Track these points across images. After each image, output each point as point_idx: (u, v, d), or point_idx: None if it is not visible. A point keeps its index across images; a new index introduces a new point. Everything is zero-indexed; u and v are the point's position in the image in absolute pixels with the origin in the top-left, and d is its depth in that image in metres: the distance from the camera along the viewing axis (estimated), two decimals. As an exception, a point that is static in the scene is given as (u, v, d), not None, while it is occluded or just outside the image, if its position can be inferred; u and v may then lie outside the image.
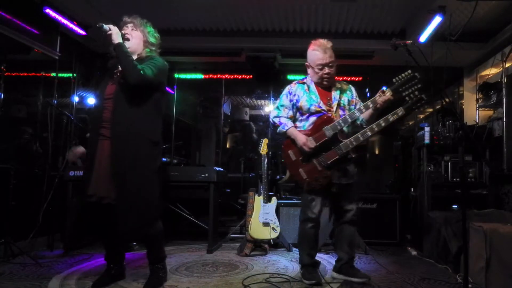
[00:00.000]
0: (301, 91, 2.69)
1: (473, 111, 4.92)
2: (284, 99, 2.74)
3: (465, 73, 5.17)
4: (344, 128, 2.60)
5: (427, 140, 3.90)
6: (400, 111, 2.48)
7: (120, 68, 2.36)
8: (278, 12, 4.21)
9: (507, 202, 3.69)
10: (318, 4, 3.98)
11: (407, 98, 2.43)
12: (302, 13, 4.21)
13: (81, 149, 3.85)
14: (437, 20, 3.74)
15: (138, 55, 2.46)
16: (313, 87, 2.68)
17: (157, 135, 2.42)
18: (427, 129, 3.90)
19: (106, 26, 2.31)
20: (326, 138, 2.53)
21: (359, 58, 5.07)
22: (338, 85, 2.73)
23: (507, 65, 4.10)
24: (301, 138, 2.58)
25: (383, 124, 2.50)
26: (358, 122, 2.68)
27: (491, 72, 4.47)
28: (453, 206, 3.86)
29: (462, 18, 3.85)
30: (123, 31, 2.42)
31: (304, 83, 2.73)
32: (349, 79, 5.77)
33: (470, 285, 2.45)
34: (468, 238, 2.60)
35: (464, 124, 4.07)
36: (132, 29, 2.45)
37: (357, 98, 2.77)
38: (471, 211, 3.32)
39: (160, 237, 2.49)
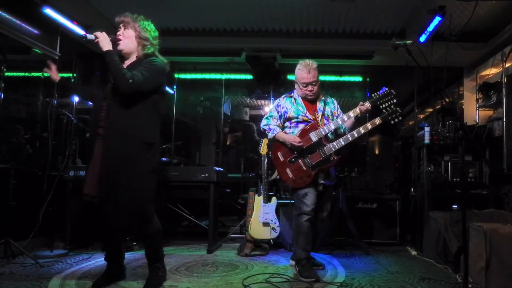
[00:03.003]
0: (289, 104, 3.01)
1: (473, 111, 4.91)
2: (273, 110, 3.06)
3: (465, 73, 5.16)
4: (329, 135, 2.94)
5: (427, 140, 3.90)
6: (377, 120, 2.85)
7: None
8: (278, 12, 4.21)
9: (507, 202, 3.69)
10: (318, 4, 3.98)
11: (384, 110, 2.84)
12: (302, 13, 4.21)
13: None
14: (437, 20, 3.74)
15: (136, 56, 2.40)
16: (299, 100, 3.01)
17: (152, 136, 2.38)
18: (427, 129, 3.90)
19: (90, 36, 2.28)
20: (312, 142, 2.86)
21: (359, 58, 5.07)
22: (322, 98, 3.08)
23: (507, 65, 4.09)
24: (289, 137, 2.89)
25: (362, 131, 2.85)
26: (342, 130, 3.02)
27: (491, 72, 4.46)
28: (453, 206, 3.85)
29: (462, 18, 3.85)
30: (117, 33, 2.39)
31: (291, 96, 3.05)
32: (349, 79, 5.79)
33: (470, 285, 2.45)
34: (468, 238, 2.60)
35: (464, 124, 4.06)
36: (125, 28, 2.40)
37: (339, 110, 3.11)
38: (471, 211, 3.32)
39: (158, 237, 2.48)
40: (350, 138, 2.84)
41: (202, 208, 4.67)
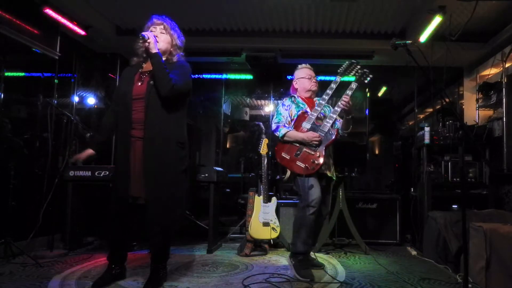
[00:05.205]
0: (291, 103, 3.19)
1: (473, 111, 4.91)
2: (281, 109, 3.19)
3: (465, 73, 5.16)
4: (319, 115, 3.07)
5: (427, 140, 3.90)
6: (353, 85, 3.05)
7: (149, 68, 2.40)
8: (278, 12, 4.21)
9: (507, 202, 3.69)
10: (318, 4, 3.98)
11: (354, 76, 3.11)
12: (302, 13, 4.21)
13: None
14: (437, 20, 3.74)
15: (165, 56, 2.48)
16: (299, 99, 3.21)
17: (184, 136, 2.48)
18: (427, 129, 3.90)
19: (145, 35, 2.35)
20: (308, 128, 3.00)
21: (359, 58, 5.04)
22: (319, 97, 3.25)
23: (507, 65, 4.09)
24: (306, 135, 2.93)
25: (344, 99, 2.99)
26: (336, 127, 3.15)
27: (491, 72, 4.46)
28: (453, 206, 3.86)
29: (462, 18, 3.85)
30: (150, 31, 2.45)
31: (292, 96, 3.24)
32: (349, 79, 5.78)
33: (470, 285, 2.45)
34: (468, 238, 2.60)
35: (464, 124, 4.07)
36: (161, 32, 2.50)
37: None
38: (471, 211, 3.32)
39: (172, 237, 2.52)
40: (338, 109, 2.97)
41: (202, 208, 4.66)
